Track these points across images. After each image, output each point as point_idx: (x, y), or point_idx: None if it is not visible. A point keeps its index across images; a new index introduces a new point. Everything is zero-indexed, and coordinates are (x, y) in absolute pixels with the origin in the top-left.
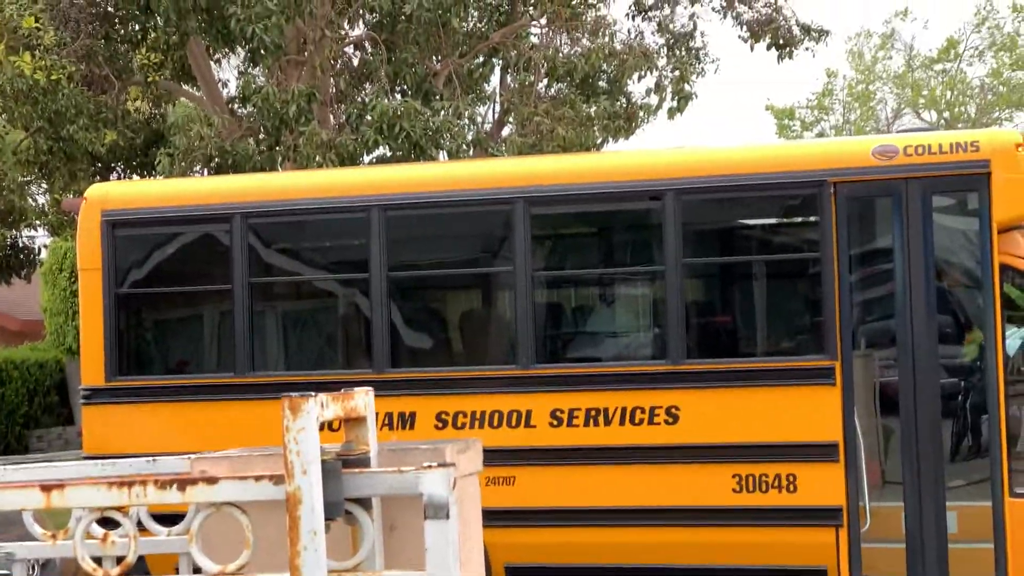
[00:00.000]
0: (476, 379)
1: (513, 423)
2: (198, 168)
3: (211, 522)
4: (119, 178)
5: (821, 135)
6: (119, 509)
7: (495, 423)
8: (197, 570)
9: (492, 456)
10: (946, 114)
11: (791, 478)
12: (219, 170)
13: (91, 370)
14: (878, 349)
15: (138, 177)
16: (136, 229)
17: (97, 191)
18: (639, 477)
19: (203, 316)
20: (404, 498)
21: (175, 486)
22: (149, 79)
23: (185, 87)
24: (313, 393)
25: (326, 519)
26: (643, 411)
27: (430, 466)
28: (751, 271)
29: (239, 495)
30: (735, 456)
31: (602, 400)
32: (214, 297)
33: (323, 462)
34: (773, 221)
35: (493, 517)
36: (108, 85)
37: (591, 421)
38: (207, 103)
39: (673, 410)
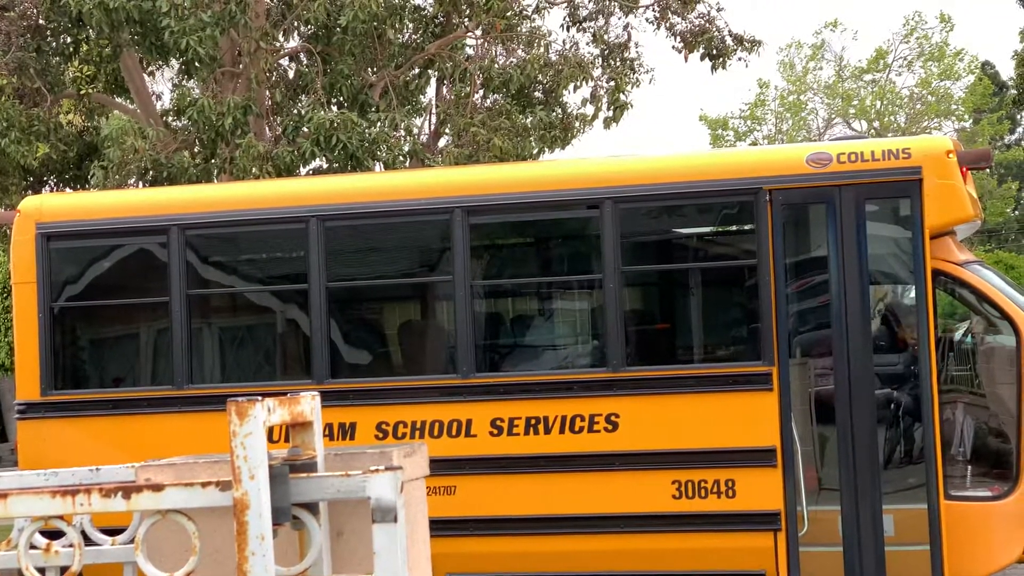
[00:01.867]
0: (416, 389)
1: (454, 432)
2: (132, 181)
3: (156, 530)
4: (52, 191)
5: (754, 144)
6: (63, 518)
7: (436, 433)
8: None
9: (433, 466)
10: (876, 123)
11: (730, 483)
12: (154, 183)
13: (26, 385)
14: (814, 356)
15: (71, 191)
16: (71, 241)
17: (31, 203)
18: (580, 485)
19: (140, 329)
20: (351, 503)
21: (120, 494)
22: (82, 92)
23: (118, 100)
24: (260, 398)
25: (274, 524)
26: (583, 419)
27: (377, 470)
28: (689, 279)
29: (186, 502)
30: (675, 463)
31: (542, 409)
32: (151, 309)
33: (270, 467)
34: (710, 229)
35: (435, 527)
36: (40, 98)
37: (531, 430)
38: (141, 116)
39: (613, 418)
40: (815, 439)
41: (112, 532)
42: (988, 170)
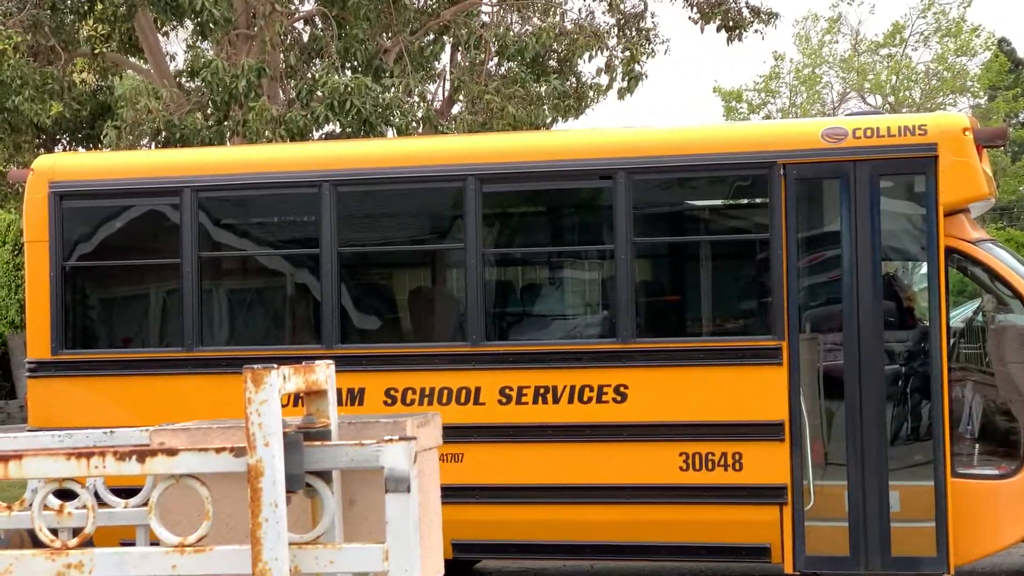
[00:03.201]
0: (425, 356)
1: (462, 400)
2: (145, 142)
3: (168, 494)
4: (64, 150)
5: (768, 118)
6: (77, 480)
7: (444, 400)
8: (155, 542)
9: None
10: (891, 98)
11: (737, 456)
12: (166, 144)
13: (37, 343)
14: (824, 331)
15: (84, 150)
16: (84, 201)
17: (45, 162)
18: (587, 455)
19: (151, 290)
20: (363, 473)
21: (135, 457)
22: (96, 51)
23: (132, 59)
24: (275, 365)
25: (287, 492)
26: (592, 389)
27: (391, 439)
28: (700, 251)
29: (200, 467)
30: (682, 435)
31: (551, 378)
32: (163, 271)
33: (285, 434)
34: (723, 202)
35: (442, 493)
36: (54, 56)
37: (540, 399)
38: (155, 76)
39: (622, 388)
40: (823, 414)
41: (123, 492)
42: (1003, 148)
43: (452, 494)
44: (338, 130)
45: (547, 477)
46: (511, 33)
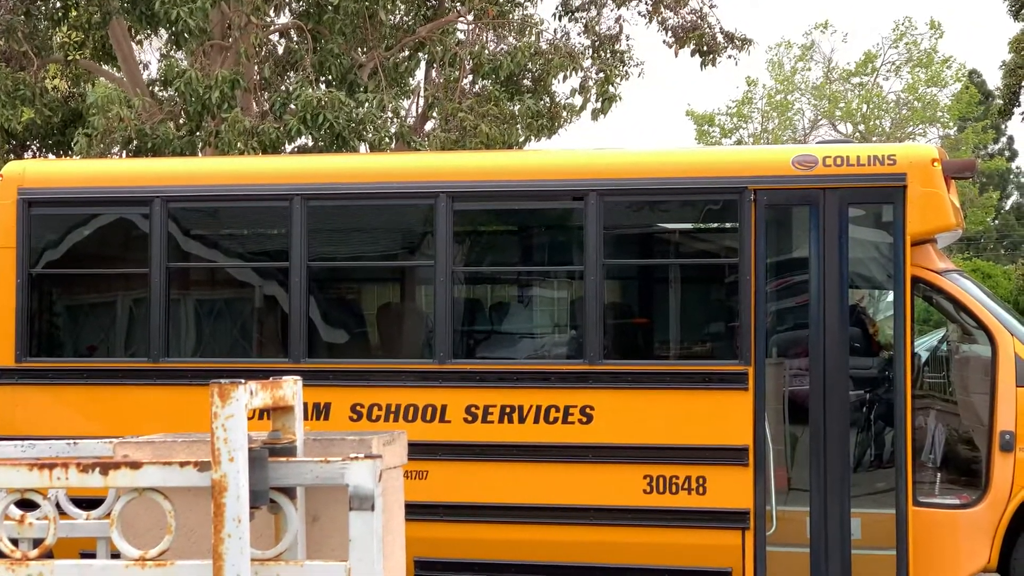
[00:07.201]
0: (392, 372)
1: (428, 417)
2: (116, 150)
3: (131, 507)
4: (35, 157)
5: (739, 142)
6: (39, 491)
7: (410, 417)
8: (116, 555)
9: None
10: (862, 127)
11: (701, 480)
12: (137, 153)
13: (1, 350)
14: (790, 356)
15: (54, 157)
16: (53, 208)
17: (14, 168)
18: (552, 475)
19: (118, 300)
20: (328, 489)
21: (98, 470)
22: (69, 57)
23: (105, 67)
24: (243, 381)
25: (251, 507)
26: (558, 410)
27: (356, 457)
28: (670, 274)
29: (163, 481)
30: (647, 457)
31: (517, 397)
32: (131, 281)
33: (250, 450)
34: (693, 225)
35: (406, 511)
36: (27, 62)
37: (506, 418)
38: (127, 84)
39: (588, 410)
40: (787, 439)
41: (86, 504)
42: (971, 179)
43: (416, 511)
44: (311, 144)
45: (511, 496)
46: (486, 51)
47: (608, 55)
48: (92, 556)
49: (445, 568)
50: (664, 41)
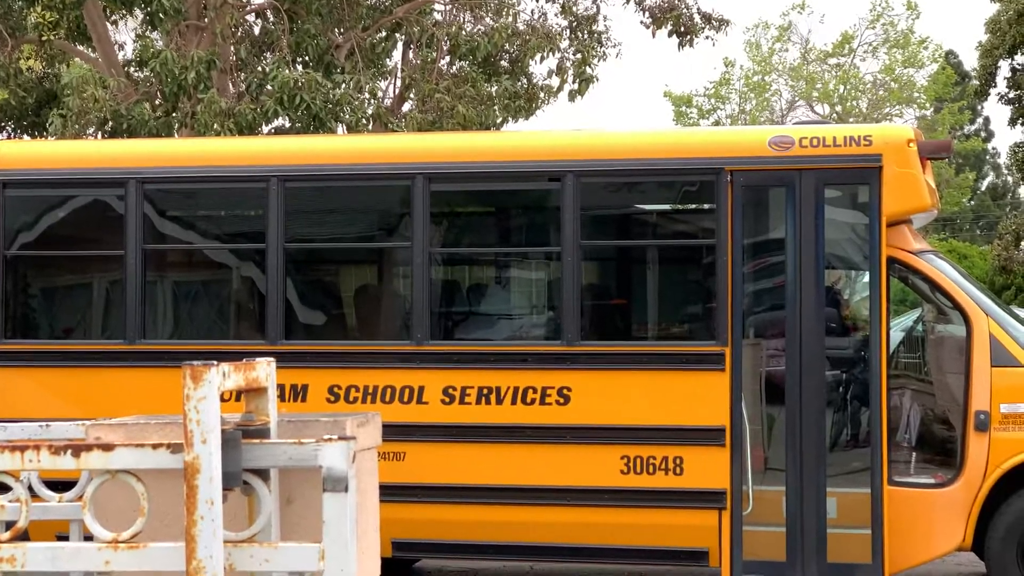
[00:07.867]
0: (369, 353)
1: (405, 399)
2: (91, 131)
3: (103, 489)
4: (9, 138)
5: (717, 123)
6: (10, 474)
7: (387, 398)
8: (88, 537)
9: (384, 431)
10: (839, 107)
11: (678, 461)
12: (113, 134)
13: None
14: (767, 337)
15: (29, 138)
16: (28, 190)
17: None
18: (529, 456)
19: (94, 281)
20: (302, 471)
21: (70, 452)
22: (43, 38)
23: (80, 48)
24: (215, 362)
25: (224, 489)
26: (535, 391)
27: (330, 439)
28: (647, 255)
29: (135, 463)
30: (624, 438)
31: (495, 379)
32: (106, 262)
33: (223, 432)
34: (670, 207)
35: (383, 492)
36: (1, 42)
37: (483, 399)
38: (102, 65)
39: (565, 391)
40: (764, 419)
41: (59, 486)
42: (947, 160)
43: (394, 493)
44: (288, 125)
45: (489, 478)
46: (463, 32)
47: (585, 36)
48: (67, 539)
49: (423, 548)
50: (642, 22)
